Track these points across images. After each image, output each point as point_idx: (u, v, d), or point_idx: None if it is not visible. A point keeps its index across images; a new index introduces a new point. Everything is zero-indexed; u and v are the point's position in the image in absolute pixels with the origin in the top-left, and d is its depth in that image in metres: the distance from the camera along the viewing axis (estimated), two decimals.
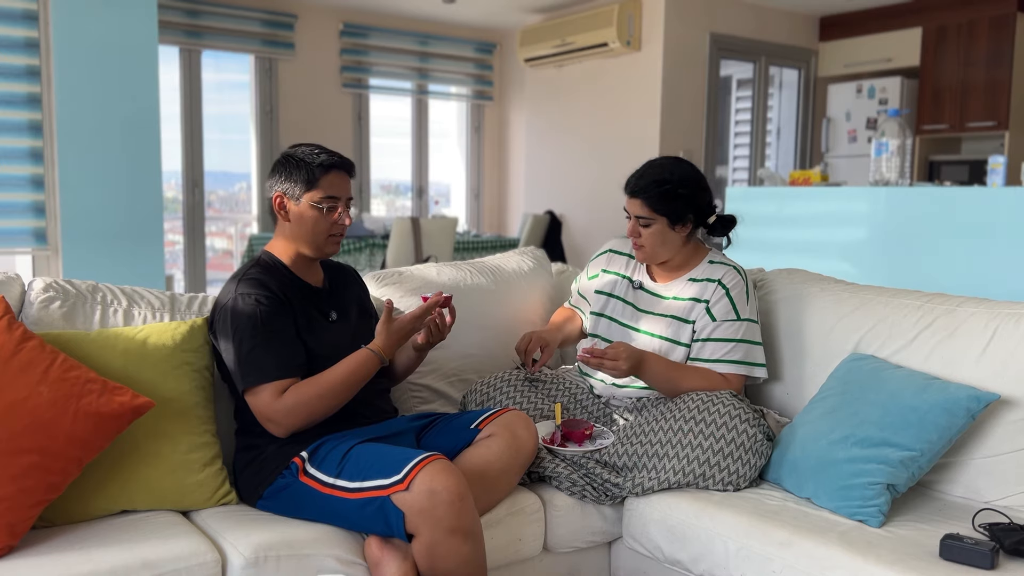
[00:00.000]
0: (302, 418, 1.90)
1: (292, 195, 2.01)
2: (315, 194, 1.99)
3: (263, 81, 6.83)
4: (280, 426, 1.90)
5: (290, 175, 2.00)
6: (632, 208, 2.30)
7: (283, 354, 1.92)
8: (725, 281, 2.29)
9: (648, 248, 2.31)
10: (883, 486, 1.84)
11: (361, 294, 2.24)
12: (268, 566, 1.70)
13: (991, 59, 6.11)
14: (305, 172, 1.99)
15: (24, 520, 1.64)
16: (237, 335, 1.92)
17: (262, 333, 1.91)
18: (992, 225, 3.36)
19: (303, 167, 1.99)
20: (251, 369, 1.90)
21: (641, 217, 2.28)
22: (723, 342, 2.25)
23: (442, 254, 5.92)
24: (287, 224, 2.03)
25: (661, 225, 2.27)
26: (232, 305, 1.95)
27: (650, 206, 2.26)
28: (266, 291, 1.95)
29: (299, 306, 2.01)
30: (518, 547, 2.02)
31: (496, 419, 2.04)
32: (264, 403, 1.89)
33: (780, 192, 4.25)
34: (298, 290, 2.03)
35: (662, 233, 2.28)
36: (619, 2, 6.38)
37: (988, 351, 2.01)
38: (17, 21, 3.65)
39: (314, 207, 2.00)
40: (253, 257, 2.08)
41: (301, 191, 2.00)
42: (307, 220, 2.01)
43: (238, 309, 1.94)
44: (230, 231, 7.41)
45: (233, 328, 1.93)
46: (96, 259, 3.83)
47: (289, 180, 2.00)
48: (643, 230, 2.30)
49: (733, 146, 7.24)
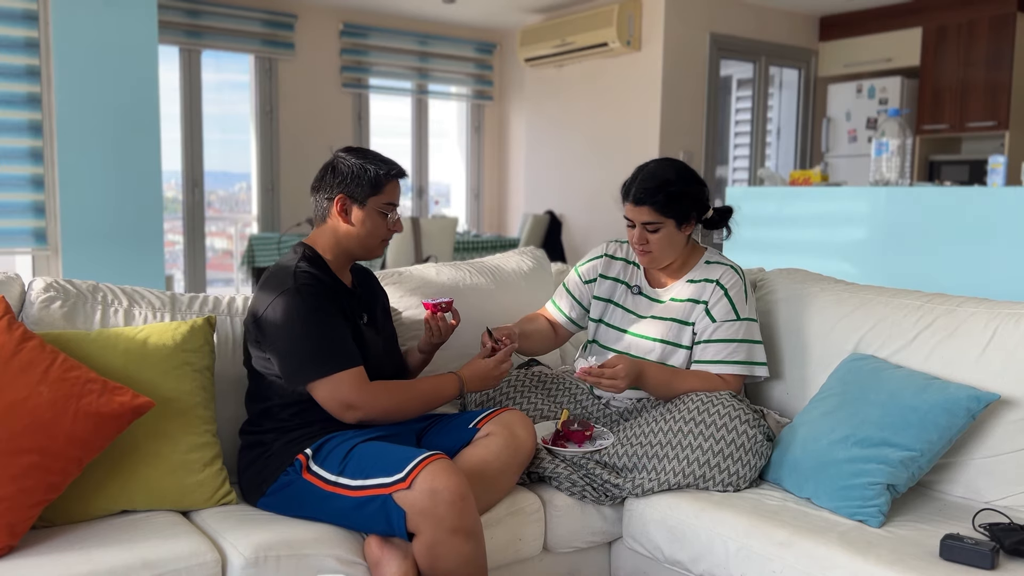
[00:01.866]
0: (380, 410, 1.93)
1: (356, 198, 2.03)
2: (380, 199, 2.04)
3: (263, 81, 6.83)
4: (362, 411, 1.92)
5: (356, 180, 2.02)
6: (638, 215, 2.25)
7: (350, 345, 1.95)
8: (723, 281, 2.28)
9: (656, 253, 2.28)
10: (883, 486, 1.84)
11: (384, 299, 2.27)
12: (268, 566, 1.70)
13: (991, 59, 6.11)
14: (373, 177, 2.02)
15: (24, 520, 1.64)
16: (307, 327, 1.90)
17: (331, 326, 1.92)
18: (992, 225, 3.36)
19: (368, 173, 2.02)
20: (328, 357, 1.90)
21: (649, 223, 2.24)
22: (725, 343, 2.25)
23: (442, 254, 5.92)
24: (343, 225, 2.04)
25: (669, 228, 2.25)
26: (293, 299, 1.92)
27: (659, 211, 2.22)
28: (322, 285, 1.98)
29: (337, 304, 2.02)
30: (518, 547, 2.02)
31: (494, 418, 2.05)
32: (348, 387, 1.90)
33: (780, 192, 4.24)
34: (337, 288, 2.05)
35: (670, 236, 2.26)
36: (619, 2, 6.38)
37: (988, 351, 2.01)
38: (17, 21, 3.65)
39: (378, 212, 2.04)
40: (294, 248, 2.07)
41: (366, 195, 2.02)
42: (368, 223, 2.04)
43: (304, 302, 1.92)
44: (230, 231, 7.41)
45: (303, 321, 1.91)
46: (96, 259, 3.83)
47: (354, 184, 2.02)
48: (651, 236, 2.25)
49: (733, 146, 7.24)
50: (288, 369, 1.92)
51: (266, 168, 6.93)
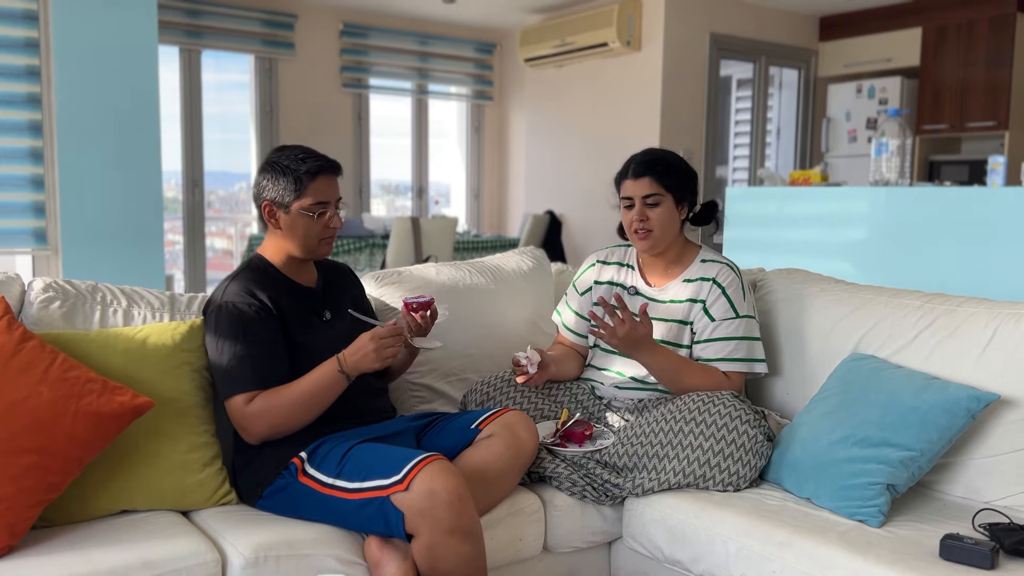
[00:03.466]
0: (266, 426, 1.89)
1: (281, 203, 1.99)
2: (304, 201, 1.98)
3: (263, 81, 6.83)
4: (248, 433, 1.91)
5: (276, 183, 1.99)
6: (638, 189, 2.27)
7: (261, 366, 1.91)
8: (720, 279, 2.29)
9: (657, 231, 2.28)
10: (883, 486, 1.84)
11: (356, 293, 2.25)
12: (268, 566, 1.70)
13: (991, 59, 6.11)
14: (292, 180, 1.98)
15: (24, 520, 1.64)
16: (219, 346, 1.93)
17: (243, 344, 1.91)
18: (992, 225, 3.36)
19: (289, 174, 1.98)
20: (229, 379, 1.91)
21: (650, 195, 2.26)
22: (725, 341, 2.25)
23: (442, 254, 5.92)
24: (277, 231, 2.03)
25: (668, 203, 2.28)
26: (217, 311, 1.96)
27: (659, 181, 2.27)
28: (252, 299, 1.95)
29: (290, 308, 2.01)
30: (518, 547, 2.02)
31: (496, 419, 2.04)
32: (236, 410, 1.91)
33: (780, 192, 4.24)
34: (290, 292, 2.04)
35: (670, 212, 2.29)
36: (619, 2, 6.38)
37: (988, 351, 2.01)
38: (17, 21, 3.65)
39: (304, 214, 1.99)
40: (244, 260, 2.08)
41: (290, 199, 1.98)
42: (298, 227, 2.00)
43: (223, 316, 1.95)
44: (230, 231, 7.41)
45: (216, 337, 1.94)
46: (96, 259, 3.83)
47: (276, 189, 1.99)
48: (651, 212, 2.27)
49: (733, 146, 7.23)
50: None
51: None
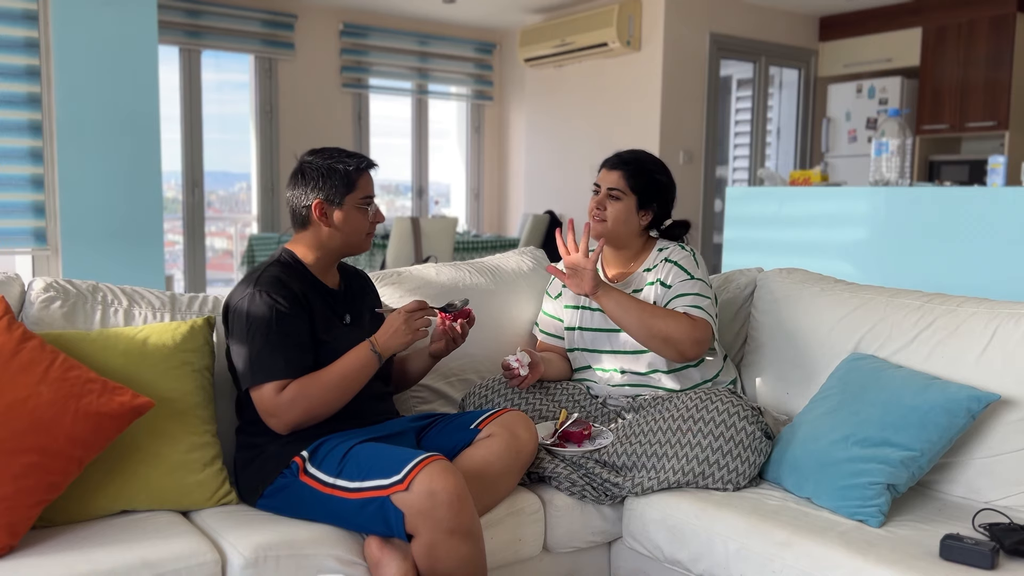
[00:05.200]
0: (301, 412, 1.90)
1: (333, 200, 2.03)
2: (355, 195, 2.04)
3: (263, 81, 6.83)
4: (281, 421, 1.90)
5: (327, 182, 2.03)
6: (607, 180, 2.37)
7: (292, 357, 1.92)
8: (672, 257, 2.35)
9: (610, 223, 2.35)
10: (883, 486, 1.84)
11: (374, 300, 2.27)
12: (268, 566, 1.70)
13: (991, 59, 6.11)
14: (343, 176, 2.03)
15: (24, 520, 1.64)
16: (250, 333, 1.92)
17: (276, 334, 1.92)
18: (992, 225, 3.36)
19: (337, 173, 2.03)
20: (259, 368, 1.91)
21: (614, 189, 2.35)
22: (684, 295, 2.27)
23: (442, 254, 5.92)
24: (325, 228, 2.04)
25: (630, 203, 2.35)
26: (248, 303, 1.95)
27: (627, 180, 2.35)
28: (284, 290, 1.97)
29: (317, 306, 2.02)
30: (518, 547, 2.02)
31: (496, 419, 2.04)
32: (267, 398, 1.90)
33: (780, 192, 4.24)
34: (317, 291, 2.05)
35: (627, 211, 2.35)
36: (619, 2, 6.39)
37: (988, 351, 2.01)
38: (17, 21, 3.65)
39: (357, 208, 2.05)
40: (271, 255, 2.10)
41: (342, 195, 2.03)
42: (351, 221, 2.05)
43: (254, 308, 1.94)
44: (230, 231, 7.41)
45: (248, 326, 1.93)
46: (96, 259, 3.83)
47: (327, 187, 2.03)
48: (610, 203, 2.35)
49: (733, 146, 7.24)
50: (237, 371, 1.97)
51: (266, 168, 6.93)
